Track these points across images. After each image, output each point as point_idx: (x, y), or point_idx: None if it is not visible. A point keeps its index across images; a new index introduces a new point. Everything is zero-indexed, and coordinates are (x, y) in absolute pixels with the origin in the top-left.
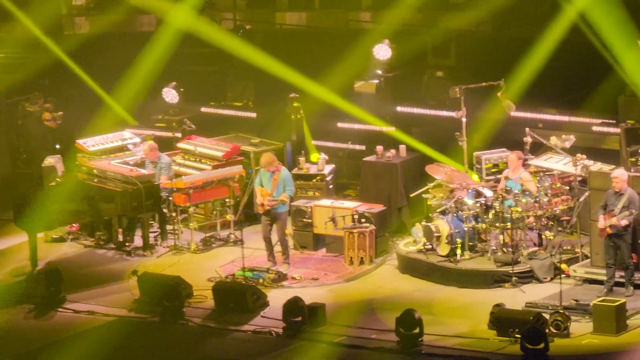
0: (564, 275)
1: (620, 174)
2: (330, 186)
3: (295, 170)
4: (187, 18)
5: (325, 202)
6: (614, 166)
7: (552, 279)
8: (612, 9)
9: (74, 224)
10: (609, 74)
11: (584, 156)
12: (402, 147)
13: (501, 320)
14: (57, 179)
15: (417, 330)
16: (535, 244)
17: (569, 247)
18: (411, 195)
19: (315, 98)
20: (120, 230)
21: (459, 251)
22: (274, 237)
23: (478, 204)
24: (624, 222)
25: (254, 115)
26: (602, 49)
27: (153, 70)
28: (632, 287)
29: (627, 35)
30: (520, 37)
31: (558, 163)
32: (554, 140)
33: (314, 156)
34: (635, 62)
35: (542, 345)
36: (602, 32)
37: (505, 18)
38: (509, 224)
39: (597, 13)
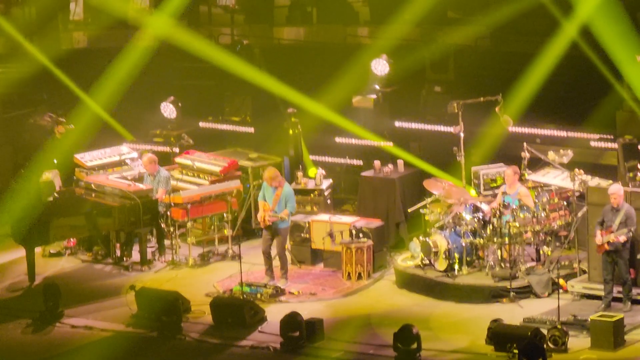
0: (561, 291)
1: (617, 190)
2: (328, 201)
3: (293, 185)
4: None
5: (323, 217)
6: (611, 181)
7: (550, 294)
8: (614, 22)
9: (71, 239)
10: (607, 89)
11: (582, 171)
12: (400, 162)
13: (499, 335)
14: (55, 194)
15: (415, 346)
16: (533, 259)
17: (566, 263)
18: (409, 210)
19: (313, 113)
20: (118, 245)
21: (456, 266)
22: (274, 252)
23: (476, 219)
24: (622, 239)
25: (252, 130)
26: (601, 64)
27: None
28: (629, 303)
29: (629, 48)
30: (519, 52)
31: (556, 178)
32: (551, 156)
33: (312, 171)
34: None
35: None
36: (604, 46)
37: (503, 33)
38: (506, 239)
39: (598, 26)
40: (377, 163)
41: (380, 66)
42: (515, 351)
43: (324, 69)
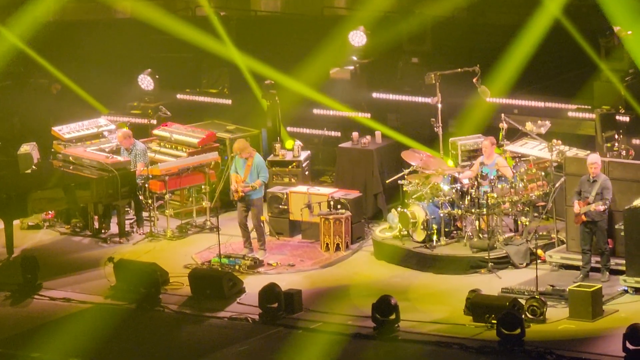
0: (539, 261)
1: (596, 159)
2: (306, 173)
3: (271, 157)
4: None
5: (301, 188)
6: (589, 152)
7: (528, 264)
8: None
9: (49, 211)
10: (585, 60)
11: (560, 142)
12: (378, 134)
13: (477, 306)
14: (33, 167)
15: (393, 317)
16: (511, 230)
17: (544, 233)
18: (387, 181)
19: (291, 85)
20: (96, 217)
21: (435, 237)
22: (250, 224)
23: (454, 190)
24: (601, 208)
25: (229, 102)
26: (578, 35)
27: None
28: (607, 273)
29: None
30: (496, 24)
31: (534, 149)
32: (529, 126)
33: (288, 143)
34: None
35: (518, 331)
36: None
37: (480, 4)
38: (484, 209)
39: None
40: (355, 134)
41: (358, 38)
42: (494, 321)
43: (301, 40)
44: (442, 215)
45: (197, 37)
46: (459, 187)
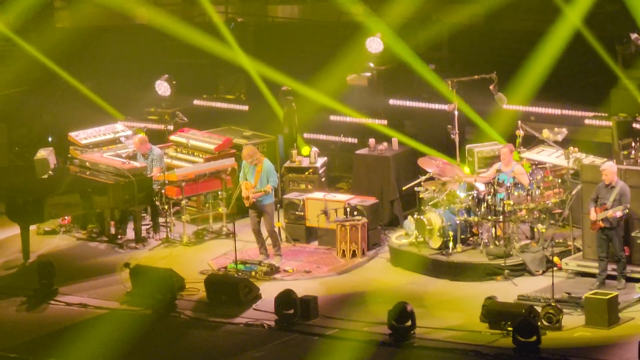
0: (556, 268)
1: (609, 167)
2: (323, 179)
3: (287, 164)
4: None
5: (318, 194)
6: (606, 159)
7: (544, 271)
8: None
9: (66, 217)
10: (602, 67)
11: (576, 149)
12: (395, 140)
13: (493, 313)
14: (50, 172)
15: (409, 323)
16: (527, 237)
17: (561, 240)
18: (403, 188)
19: (308, 91)
20: (112, 222)
21: (451, 244)
22: (264, 230)
23: (470, 197)
24: (618, 214)
25: (246, 108)
26: (595, 42)
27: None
28: (624, 280)
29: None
30: (513, 30)
31: (550, 156)
32: (546, 133)
33: (305, 150)
34: None
35: (534, 338)
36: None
37: (497, 11)
38: (501, 217)
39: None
40: (371, 141)
41: (375, 44)
42: (510, 329)
43: (319, 47)
44: (458, 222)
45: (211, 43)
46: (475, 194)
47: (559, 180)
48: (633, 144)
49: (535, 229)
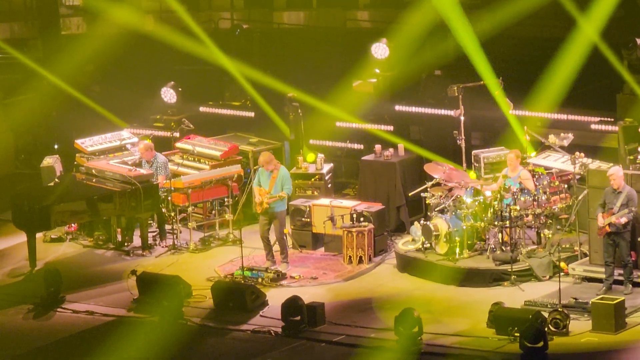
0: (562, 274)
1: (616, 171)
2: (329, 185)
3: (293, 170)
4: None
5: (324, 201)
6: (612, 164)
7: (551, 277)
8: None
9: (72, 224)
10: (608, 72)
11: (582, 154)
12: (401, 146)
13: (500, 318)
14: (56, 179)
15: (416, 329)
16: (534, 242)
17: (567, 245)
18: (410, 194)
19: (313, 98)
20: (119, 230)
21: (457, 250)
22: (272, 237)
23: (477, 203)
24: (623, 220)
25: (252, 114)
26: (602, 46)
27: None
28: (630, 285)
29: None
30: (519, 36)
31: (556, 161)
32: (552, 139)
33: (310, 156)
34: None
35: (541, 344)
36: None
37: (503, 17)
38: (507, 222)
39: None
40: (377, 147)
41: (381, 50)
42: (517, 334)
43: (324, 53)
44: (464, 227)
45: (217, 50)
46: (481, 200)
47: (565, 186)
48: (639, 149)
49: (542, 234)
